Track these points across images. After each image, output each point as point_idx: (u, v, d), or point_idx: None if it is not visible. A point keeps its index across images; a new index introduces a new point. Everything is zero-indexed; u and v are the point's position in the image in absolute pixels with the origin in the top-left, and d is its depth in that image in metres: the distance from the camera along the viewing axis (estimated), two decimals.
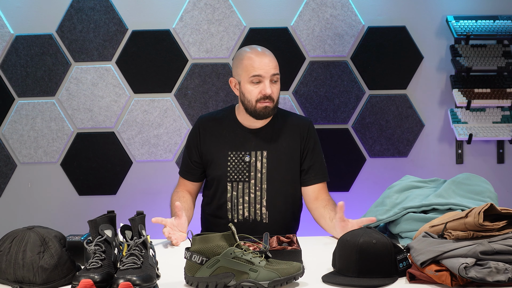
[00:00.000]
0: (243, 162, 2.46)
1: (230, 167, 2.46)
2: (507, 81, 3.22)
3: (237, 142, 2.48)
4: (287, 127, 2.52)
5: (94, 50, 3.27)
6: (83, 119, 3.29)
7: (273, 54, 2.46)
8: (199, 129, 2.53)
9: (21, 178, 3.33)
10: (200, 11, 3.25)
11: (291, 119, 2.56)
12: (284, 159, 2.47)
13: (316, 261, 1.94)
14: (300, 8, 3.26)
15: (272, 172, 2.45)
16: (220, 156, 2.48)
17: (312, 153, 2.51)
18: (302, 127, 2.52)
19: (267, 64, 2.39)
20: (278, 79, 2.44)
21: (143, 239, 1.73)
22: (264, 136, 2.48)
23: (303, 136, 2.50)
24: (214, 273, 1.66)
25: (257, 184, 2.45)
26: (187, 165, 2.55)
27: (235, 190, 2.46)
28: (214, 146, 2.50)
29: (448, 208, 2.12)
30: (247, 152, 2.47)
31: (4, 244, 1.74)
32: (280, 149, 2.48)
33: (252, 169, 2.45)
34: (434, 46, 3.27)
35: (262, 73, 2.38)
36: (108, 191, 3.32)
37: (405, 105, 3.28)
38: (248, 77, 2.39)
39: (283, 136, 2.49)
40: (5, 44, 3.26)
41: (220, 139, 2.50)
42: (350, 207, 3.28)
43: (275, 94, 2.42)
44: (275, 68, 2.42)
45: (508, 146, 3.30)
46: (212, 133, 2.51)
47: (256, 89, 2.39)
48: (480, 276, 1.53)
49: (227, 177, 2.46)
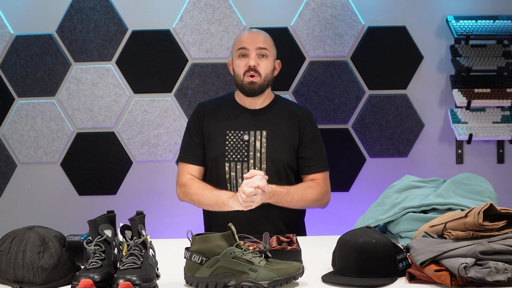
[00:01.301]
0: (241, 141, 2.45)
1: (229, 146, 2.45)
2: (507, 81, 3.22)
3: (236, 122, 2.49)
4: (287, 113, 2.53)
5: (94, 50, 3.27)
6: (83, 119, 3.29)
7: (268, 35, 2.52)
8: (200, 111, 2.55)
9: (21, 178, 3.33)
10: (200, 11, 3.25)
11: (291, 106, 2.59)
12: (284, 141, 2.47)
13: (316, 261, 1.94)
14: (300, 8, 3.26)
15: (271, 152, 2.44)
16: (218, 135, 2.47)
17: (312, 142, 2.51)
18: (302, 115, 2.54)
19: (254, 37, 2.46)
20: (267, 54, 2.46)
21: (143, 239, 1.73)
22: (264, 117, 2.50)
23: (302, 124, 2.51)
24: (214, 273, 1.66)
25: (256, 164, 2.43)
26: (192, 147, 2.52)
27: (233, 170, 2.44)
28: (213, 125, 2.50)
29: (448, 208, 2.12)
30: (246, 131, 2.46)
31: (4, 244, 1.74)
32: (280, 131, 2.48)
33: (251, 148, 2.44)
34: (434, 46, 3.27)
35: (247, 46, 2.44)
36: (108, 191, 3.32)
37: (405, 105, 3.28)
38: (236, 51, 2.47)
39: (283, 120, 2.51)
40: (5, 44, 3.26)
41: (220, 120, 2.50)
42: (350, 207, 3.29)
43: (262, 68, 2.44)
44: (263, 43, 2.45)
45: (508, 146, 3.30)
46: (211, 115, 2.53)
47: (243, 62, 2.45)
48: (480, 276, 1.53)
49: (225, 156, 2.44)
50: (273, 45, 2.54)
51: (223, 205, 2.37)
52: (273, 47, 2.53)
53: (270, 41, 2.51)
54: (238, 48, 2.45)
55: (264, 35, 2.50)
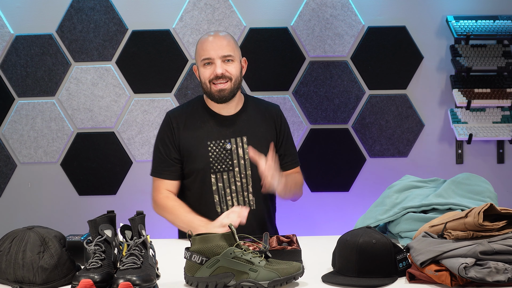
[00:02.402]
0: (224, 150, 2.39)
1: (212, 157, 2.38)
2: (507, 81, 3.22)
3: (215, 131, 2.41)
4: (260, 113, 2.48)
5: (94, 50, 3.27)
6: (83, 119, 3.29)
7: (229, 36, 2.40)
8: (172, 124, 2.43)
9: (21, 178, 3.33)
10: (200, 11, 3.25)
11: (263, 105, 2.53)
12: (264, 144, 2.41)
13: (316, 261, 1.94)
14: (300, 8, 3.26)
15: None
16: (199, 148, 2.39)
17: (287, 139, 2.50)
18: (274, 113, 2.50)
19: (216, 44, 2.34)
20: (233, 59, 2.36)
21: (143, 239, 1.73)
22: (241, 122, 2.43)
23: (277, 122, 2.48)
24: (214, 273, 1.66)
25: (241, 171, 2.40)
26: (166, 163, 2.42)
27: (220, 181, 2.39)
28: (192, 138, 2.40)
29: (448, 208, 2.12)
30: (227, 140, 2.41)
31: (4, 244, 1.74)
32: (259, 134, 2.44)
33: (234, 156, 2.39)
34: (434, 46, 3.27)
35: (210, 55, 2.34)
36: (108, 191, 3.32)
37: (405, 105, 3.28)
38: (200, 61, 2.37)
39: (258, 122, 2.46)
40: (5, 44, 3.26)
41: (197, 131, 2.41)
42: (350, 207, 3.29)
43: (231, 72, 2.35)
44: (227, 48, 2.35)
45: (508, 146, 3.30)
46: (186, 126, 2.43)
47: (208, 70, 2.36)
48: (480, 276, 1.53)
49: (210, 168, 2.38)
50: (236, 45, 2.43)
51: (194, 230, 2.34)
52: (237, 48, 2.43)
53: (233, 43, 2.40)
54: (202, 58, 2.36)
55: (227, 39, 2.39)
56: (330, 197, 3.27)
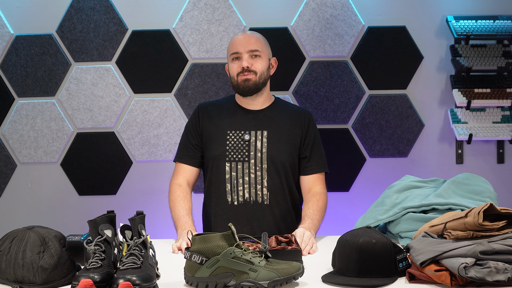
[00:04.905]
0: (242, 141, 2.46)
1: (229, 145, 2.45)
2: (507, 81, 3.22)
3: (236, 122, 2.50)
4: (288, 113, 2.55)
5: (94, 50, 3.27)
6: (83, 119, 3.29)
7: (260, 35, 2.54)
8: (199, 112, 2.56)
9: (21, 178, 3.33)
10: (200, 11, 3.25)
11: (292, 108, 2.62)
12: (285, 141, 2.47)
13: (315, 261, 1.94)
14: (300, 8, 3.26)
15: (272, 152, 2.44)
16: (219, 135, 2.48)
17: (313, 143, 2.52)
18: (303, 116, 2.55)
19: (245, 40, 2.48)
20: (260, 54, 2.48)
21: (143, 239, 1.73)
22: (264, 118, 2.51)
23: (304, 124, 2.53)
24: (214, 273, 1.66)
25: (257, 164, 2.43)
26: (187, 148, 2.53)
27: (233, 170, 2.43)
28: (214, 126, 2.51)
29: (448, 208, 2.12)
30: (246, 131, 2.47)
31: (4, 244, 1.74)
32: (281, 131, 2.49)
33: (252, 148, 2.44)
34: (434, 46, 3.27)
35: (238, 49, 2.46)
36: (108, 191, 3.32)
37: (405, 105, 3.28)
38: (229, 56, 2.50)
39: (284, 121, 2.52)
40: (5, 44, 3.26)
41: (220, 120, 2.52)
42: (350, 207, 3.29)
43: (257, 67, 2.46)
44: (255, 44, 2.47)
45: (508, 146, 3.30)
46: (211, 115, 2.54)
47: (236, 64, 2.47)
48: (480, 276, 1.53)
49: (226, 156, 2.44)
50: (266, 44, 2.54)
51: (176, 226, 2.39)
52: (266, 46, 2.53)
53: (262, 41, 2.52)
54: (231, 53, 2.49)
55: (256, 36, 2.51)
56: (330, 197, 3.26)
